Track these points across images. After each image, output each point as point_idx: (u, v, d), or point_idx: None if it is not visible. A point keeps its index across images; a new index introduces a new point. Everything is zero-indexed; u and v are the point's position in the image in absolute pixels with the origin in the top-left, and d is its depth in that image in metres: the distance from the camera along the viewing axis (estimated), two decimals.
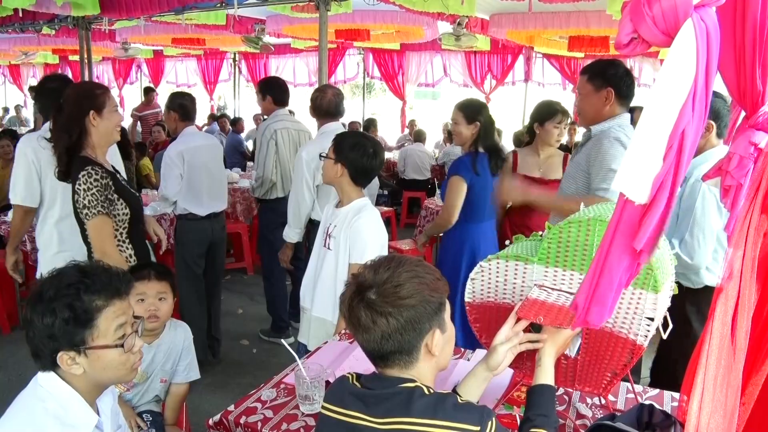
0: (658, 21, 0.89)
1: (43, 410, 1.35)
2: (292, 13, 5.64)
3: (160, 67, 13.44)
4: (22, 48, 9.61)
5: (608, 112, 2.61)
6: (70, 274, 1.38)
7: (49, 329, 1.33)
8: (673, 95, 0.91)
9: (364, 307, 1.27)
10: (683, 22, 0.88)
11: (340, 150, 2.38)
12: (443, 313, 1.33)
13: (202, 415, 3.05)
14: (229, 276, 5.72)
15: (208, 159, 3.82)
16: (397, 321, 1.25)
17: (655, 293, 1.43)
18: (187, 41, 8.51)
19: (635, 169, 0.95)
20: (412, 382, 1.27)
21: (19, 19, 5.72)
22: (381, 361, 1.32)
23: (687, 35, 0.88)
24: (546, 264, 1.53)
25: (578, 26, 5.82)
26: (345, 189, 2.43)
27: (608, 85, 2.57)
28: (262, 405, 1.77)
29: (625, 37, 0.95)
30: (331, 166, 2.39)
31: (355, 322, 1.30)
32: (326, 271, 2.46)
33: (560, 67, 9.81)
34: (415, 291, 1.26)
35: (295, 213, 3.45)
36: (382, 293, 1.26)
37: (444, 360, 1.37)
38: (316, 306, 2.51)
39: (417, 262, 1.32)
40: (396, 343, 1.27)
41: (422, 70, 10.81)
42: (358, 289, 1.30)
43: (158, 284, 2.19)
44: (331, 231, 2.45)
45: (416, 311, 1.26)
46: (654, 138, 0.93)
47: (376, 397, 1.26)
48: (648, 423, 1.46)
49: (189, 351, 2.32)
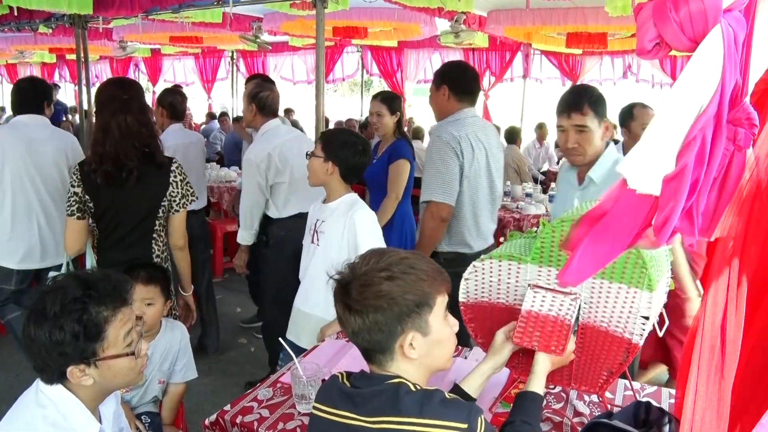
0: (685, 26, 0.86)
1: (42, 417, 1.34)
2: (290, 11, 5.62)
3: (158, 65, 13.40)
4: (18, 47, 9.58)
5: (449, 108, 2.83)
6: (73, 286, 1.36)
7: (59, 346, 1.32)
8: (695, 98, 0.88)
9: (340, 303, 1.29)
10: (712, 27, 0.84)
11: (330, 148, 2.39)
12: (424, 315, 1.27)
13: (199, 414, 3.05)
14: (227, 275, 5.72)
15: (188, 156, 3.79)
16: (364, 321, 1.25)
17: (650, 292, 1.42)
18: (185, 39, 8.48)
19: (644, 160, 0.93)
20: (396, 378, 1.25)
21: (15, 18, 5.70)
22: (364, 355, 1.33)
23: (714, 41, 0.85)
24: (539, 263, 1.53)
25: (576, 23, 5.80)
26: (334, 186, 2.43)
27: (444, 83, 2.82)
28: (259, 404, 1.77)
29: (648, 44, 0.91)
30: (321, 165, 2.39)
31: (339, 315, 1.32)
32: (315, 267, 2.46)
33: (558, 63, 9.78)
34: (385, 293, 1.23)
35: (247, 215, 3.36)
36: (357, 291, 1.26)
37: (433, 362, 1.33)
38: (308, 302, 2.51)
39: (401, 259, 1.28)
40: (366, 342, 1.28)
41: (421, 68, 10.80)
42: (340, 284, 1.30)
43: (144, 289, 2.13)
44: (319, 227, 2.45)
45: (383, 315, 1.24)
46: (668, 137, 0.91)
47: (363, 396, 1.25)
48: (645, 420, 1.46)
49: (186, 351, 2.31)
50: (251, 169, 3.30)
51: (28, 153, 3.16)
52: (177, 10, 5.33)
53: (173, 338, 2.26)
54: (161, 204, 2.51)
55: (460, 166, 2.75)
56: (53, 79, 14.87)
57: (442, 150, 2.74)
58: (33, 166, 3.18)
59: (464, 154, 2.75)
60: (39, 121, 3.26)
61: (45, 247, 3.27)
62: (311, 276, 2.50)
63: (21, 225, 3.20)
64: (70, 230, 2.53)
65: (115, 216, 2.51)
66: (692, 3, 0.83)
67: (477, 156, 2.80)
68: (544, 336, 1.49)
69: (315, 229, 2.48)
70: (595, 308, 1.51)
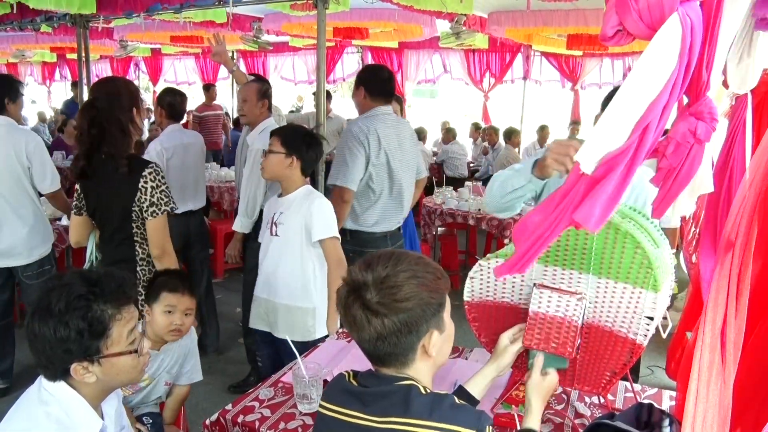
0: (644, 14, 0.89)
1: (45, 414, 1.34)
2: (291, 12, 5.62)
3: (159, 65, 13.40)
4: (19, 46, 9.58)
5: (365, 106, 3.19)
6: (77, 284, 1.36)
7: (64, 343, 1.32)
8: (649, 85, 0.92)
9: (360, 307, 1.23)
10: (668, 16, 0.88)
11: (293, 144, 2.51)
12: (442, 313, 1.29)
13: (199, 413, 3.06)
14: (227, 275, 5.71)
15: (188, 157, 3.81)
16: (393, 323, 1.21)
17: (655, 292, 1.43)
18: (185, 39, 8.47)
19: (594, 142, 0.98)
20: (407, 380, 1.24)
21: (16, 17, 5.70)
22: (377, 360, 1.30)
23: (671, 29, 0.88)
24: (545, 263, 1.53)
25: (577, 24, 5.81)
26: (294, 180, 2.56)
27: (361, 84, 3.20)
28: (260, 404, 1.77)
29: (610, 30, 0.96)
30: (282, 160, 2.51)
31: (350, 320, 1.26)
32: (274, 258, 2.58)
33: (559, 65, 9.79)
34: (414, 293, 1.22)
35: (249, 201, 3.42)
36: (379, 294, 1.22)
37: (442, 358, 1.35)
38: (278, 293, 2.59)
39: (416, 259, 1.28)
40: (391, 345, 1.24)
41: (421, 69, 10.80)
42: (354, 288, 1.25)
43: (189, 300, 2.15)
44: (277, 219, 2.57)
45: (413, 314, 1.22)
46: (620, 120, 0.95)
47: (372, 395, 1.24)
48: (647, 422, 1.46)
49: (193, 354, 2.31)
50: (257, 157, 3.35)
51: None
52: (179, 9, 5.32)
53: (183, 341, 2.25)
54: (132, 209, 2.45)
55: (366, 156, 3.08)
56: (54, 79, 14.88)
57: (350, 141, 3.08)
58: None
59: (371, 146, 3.08)
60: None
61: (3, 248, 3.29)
62: (273, 266, 2.60)
63: None
64: (71, 224, 2.65)
65: (101, 216, 2.54)
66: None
67: (384, 148, 3.12)
68: (552, 338, 1.50)
69: (273, 221, 2.58)
70: (599, 308, 1.51)
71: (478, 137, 10.13)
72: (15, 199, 3.30)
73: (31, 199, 3.38)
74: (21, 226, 3.32)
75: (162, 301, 2.08)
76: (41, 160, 3.35)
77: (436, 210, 5.58)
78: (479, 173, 9.06)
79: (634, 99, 0.92)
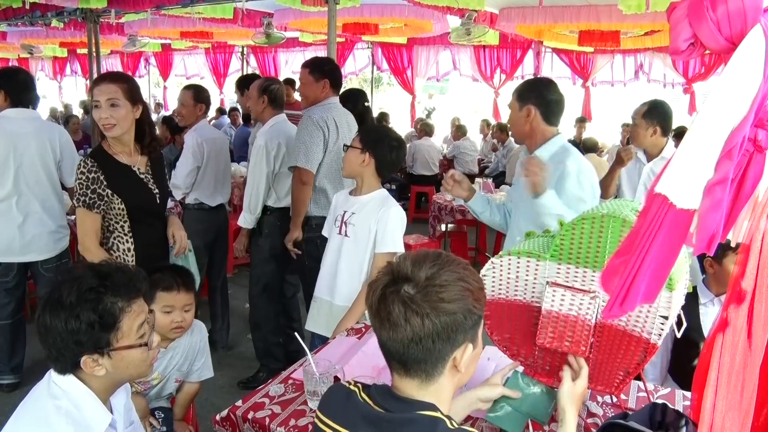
0: (722, 25, 0.82)
1: (56, 408, 1.34)
2: (302, 7, 5.61)
3: (169, 60, 13.46)
4: (30, 41, 9.62)
5: (322, 97, 3.33)
6: (88, 277, 1.37)
7: (75, 335, 1.33)
8: (735, 105, 0.84)
9: (398, 302, 1.11)
10: (751, 27, 0.81)
11: (368, 141, 2.46)
12: (479, 327, 1.19)
13: (208, 409, 3.06)
14: (237, 270, 5.72)
15: (221, 151, 3.92)
16: (433, 325, 1.10)
17: (670, 291, 1.40)
18: (195, 34, 8.49)
19: (684, 174, 0.88)
20: (433, 410, 1.12)
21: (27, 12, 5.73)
22: (400, 366, 1.17)
23: (754, 42, 0.80)
24: (558, 261, 1.51)
25: (589, 20, 5.78)
26: (368, 179, 2.49)
27: (325, 77, 3.32)
28: (270, 400, 1.76)
29: (683, 43, 0.88)
30: (357, 156, 2.45)
31: (383, 315, 1.14)
32: (347, 259, 2.50)
33: (570, 61, 9.74)
34: (460, 296, 1.12)
35: (253, 197, 3.46)
36: (423, 291, 1.11)
37: (466, 378, 1.23)
38: (338, 295, 2.52)
39: (465, 264, 1.18)
40: (424, 350, 1.12)
41: (431, 64, 10.77)
42: (394, 280, 1.14)
43: (186, 296, 2.13)
44: (348, 218, 2.49)
45: (456, 319, 1.12)
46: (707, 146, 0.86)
47: (391, 423, 1.12)
48: (661, 422, 1.44)
49: (204, 351, 2.30)
50: (261, 154, 3.42)
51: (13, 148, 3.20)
52: (188, 4, 5.33)
53: (193, 339, 2.24)
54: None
55: (325, 142, 3.22)
56: (65, 74, 14.95)
57: (310, 127, 3.19)
58: (13, 160, 3.21)
59: (329, 132, 3.23)
60: (26, 115, 3.29)
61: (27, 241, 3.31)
62: (338, 268, 2.52)
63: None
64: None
65: None
66: (731, 1, 0.80)
67: (340, 134, 3.27)
68: (565, 336, 1.48)
69: (343, 220, 2.51)
70: None
71: (488, 134, 10.10)
72: (44, 192, 3.34)
73: (57, 192, 3.42)
74: (48, 219, 3.36)
75: (159, 302, 2.04)
76: (71, 153, 3.42)
77: (446, 206, 5.56)
78: (489, 170, 9.04)
79: (720, 121, 0.85)
